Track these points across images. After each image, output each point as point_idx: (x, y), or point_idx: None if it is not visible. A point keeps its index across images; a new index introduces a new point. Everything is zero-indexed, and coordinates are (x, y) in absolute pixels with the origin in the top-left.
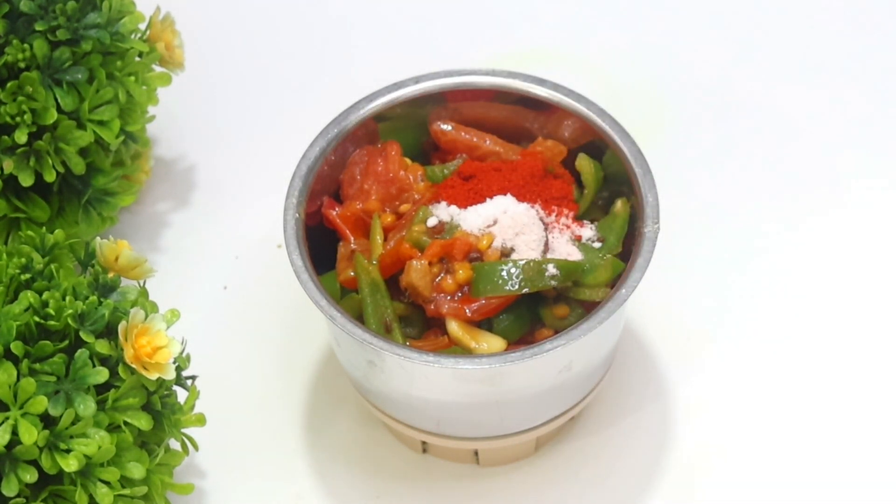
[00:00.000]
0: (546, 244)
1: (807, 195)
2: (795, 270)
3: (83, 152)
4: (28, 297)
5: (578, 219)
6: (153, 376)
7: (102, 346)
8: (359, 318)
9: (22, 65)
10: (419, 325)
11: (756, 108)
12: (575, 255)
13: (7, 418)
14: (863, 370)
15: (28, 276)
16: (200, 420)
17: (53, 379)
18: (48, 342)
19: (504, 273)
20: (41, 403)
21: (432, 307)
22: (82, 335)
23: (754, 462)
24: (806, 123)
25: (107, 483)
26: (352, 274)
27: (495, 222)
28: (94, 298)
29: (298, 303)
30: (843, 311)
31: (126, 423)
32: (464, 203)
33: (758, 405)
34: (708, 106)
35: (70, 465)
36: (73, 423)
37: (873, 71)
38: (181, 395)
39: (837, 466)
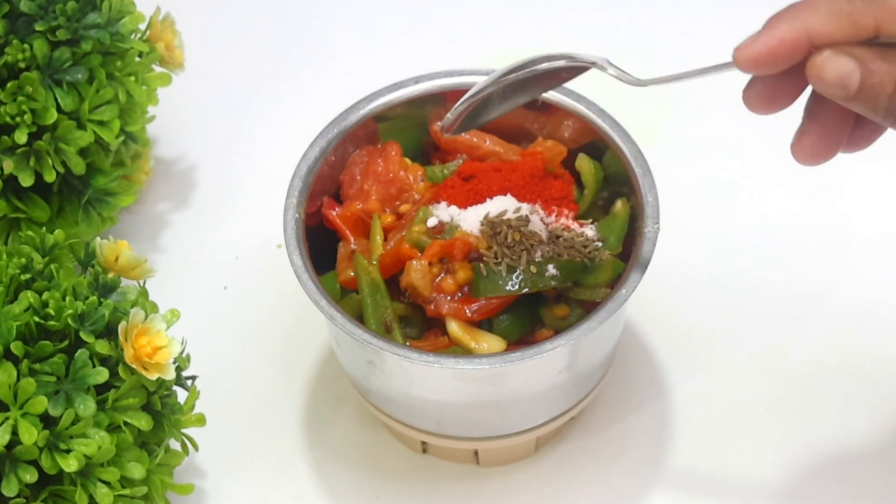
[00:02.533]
0: None
1: (808, 195)
2: (796, 270)
3: (83, 152)
4: (28, 297)
5: (578, 219)
6: (153, 376)
7: (102, 347)
8: (359, 318)
9: (22, 65)
10: (419, 325)
11: None
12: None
13: (7, 418)
14: (863, 370)
15: (28, 276)
16: (200, 420)
17: (53, 379)
18: (48, 342)
19: (504, 273)
20: (41, 403)
21: (432, 307)
22: (82, 335)
23: (754, 462)
24: None
25: (107, 483)
26: (352, 274)
27: None
28: (94, 298)
29: (298, 303)
30: (843, 311)
31: (126, 424)
32: (464, 203)
33: (758, 405)
34: (708, 106)
35: (70, 465)
36: (73, 423)
37: None
38: (181, 395)
39: (837, 466)
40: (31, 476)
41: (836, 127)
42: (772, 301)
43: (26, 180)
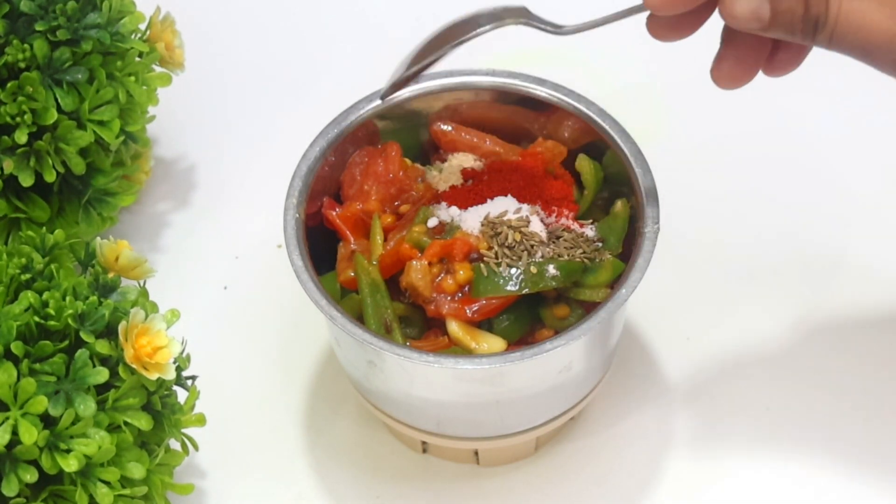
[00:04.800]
0: None
1: (807, 195)
2: (795, 270)
3: (83, 152)
4: (28, 297)
5: (579, 219)
6: (153, 376)
7: (102, 346)
8: (359, 318)
9: (22, 65)
10: (419, 325)
11: (756, 108)
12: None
13: (7, 418)
14: (863, 369)
15: (28, 276)
16: (200, 420)
17: (53, 379)
18: (48, 342)
19: (504, 273)
20: (41, 403)
21: (432, 307)
22: (82, 335)
23: (754, 462)
24: (806, 123)
25: (107, 483)
26: (352, 274)
27: None
28: (94, 298)
29: (298, 303)
30: (843, 310)
31: (126, 423)
32: (464, 204)
33: (758, 405)
34: (708, 106)
35: (70, 465)
36: (73, 423)
37: (874, 70)
38: (181, 395)
39: (837, 466)
40: (31, 476)
41: (751, 50)
42: (772, 301)
43: (26, 180)
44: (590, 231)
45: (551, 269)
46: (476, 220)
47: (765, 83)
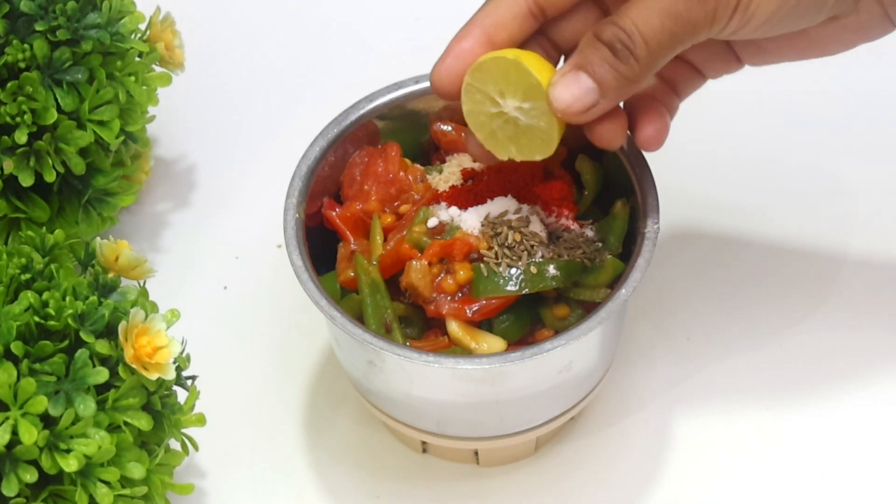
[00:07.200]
0: None
1: (808, 195)
2: (795, 270)
3: (83, 152)
4: (28, 297)
5: (578, 219)
6: (153, 376)
7: (102, 346)
8: (359, 318)
9: (22, 65)
10: (419, 325)
11: (756, 108)
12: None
13: (7, 418)
14: (863, 368)
15: (28, 276)
16: (200, 420)
17: (53, 379)
18: (48, 342)
19: (504, 274)
20: (41, 403)
21: (432, 307)
22: (82, 335)
23: (754, 462)
24: (807, 123)
25: (107, 483)
26: (352, 274)
27: None
28: (94, 298)
29: (298, 303)
30: (843, 309)
31: (126, 423)
32: (464, 204)
33: (757, 405)
34: (708, 105)
35: (70, 465)
36: (73, 423)
37: (876, 69)
38: (181, 395)
39: (837, 466)
40: (31, 476)
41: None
42: (772, 301)
43: (26, 180)
44: (590, 231)
45: (551, 270)
46: (476, 220)
47: (764, 83)
